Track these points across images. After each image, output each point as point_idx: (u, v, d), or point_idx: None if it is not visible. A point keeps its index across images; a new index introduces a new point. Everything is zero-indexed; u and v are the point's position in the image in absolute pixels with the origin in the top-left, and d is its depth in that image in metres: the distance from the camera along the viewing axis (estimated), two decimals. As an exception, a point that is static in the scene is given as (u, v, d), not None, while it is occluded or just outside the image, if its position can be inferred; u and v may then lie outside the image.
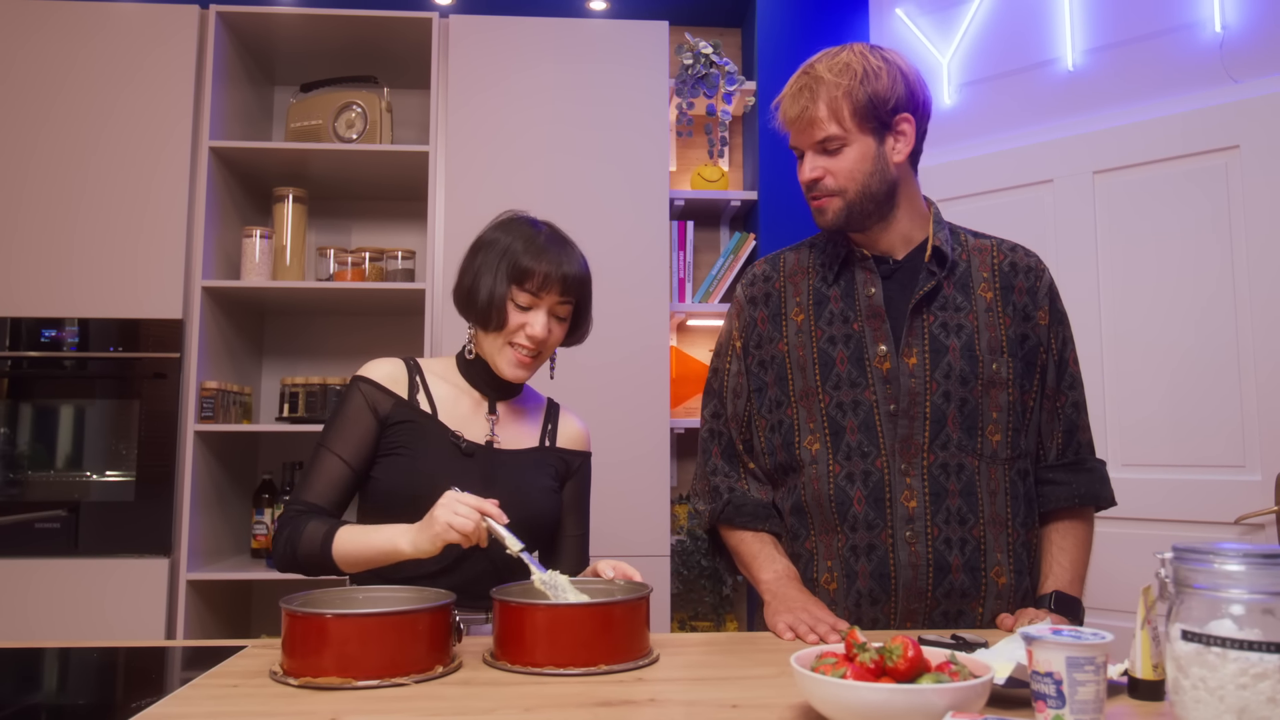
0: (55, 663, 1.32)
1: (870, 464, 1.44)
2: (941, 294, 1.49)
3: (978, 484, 1.44)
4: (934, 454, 1.43)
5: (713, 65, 3.11)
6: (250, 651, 1.28)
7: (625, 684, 1.11)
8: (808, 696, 0.94)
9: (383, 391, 1.52)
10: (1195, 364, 2.43)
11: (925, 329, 1.47)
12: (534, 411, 1.63)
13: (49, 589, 2.54)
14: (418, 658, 1.13)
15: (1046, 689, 0.90)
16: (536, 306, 1.49)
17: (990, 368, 1.46)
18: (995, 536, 1.44)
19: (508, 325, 1.48)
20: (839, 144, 1.45)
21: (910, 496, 1.42)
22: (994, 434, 1.45)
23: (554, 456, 1.60)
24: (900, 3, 3.11)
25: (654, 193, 2.83)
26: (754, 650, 1.30)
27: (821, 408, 1.48)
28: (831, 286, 1.53)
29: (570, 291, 1.51)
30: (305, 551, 1.40)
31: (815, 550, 1.49)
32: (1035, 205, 2.74)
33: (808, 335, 1.51)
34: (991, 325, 1.48)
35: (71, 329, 2.64)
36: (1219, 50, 2.47)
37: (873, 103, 1.43)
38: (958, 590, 1.42)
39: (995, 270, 1.52)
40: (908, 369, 1.45)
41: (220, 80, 2.81)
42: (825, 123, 1.44)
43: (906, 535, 1.42)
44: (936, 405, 1.44)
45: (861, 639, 0.97)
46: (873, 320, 1.48)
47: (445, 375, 1.58)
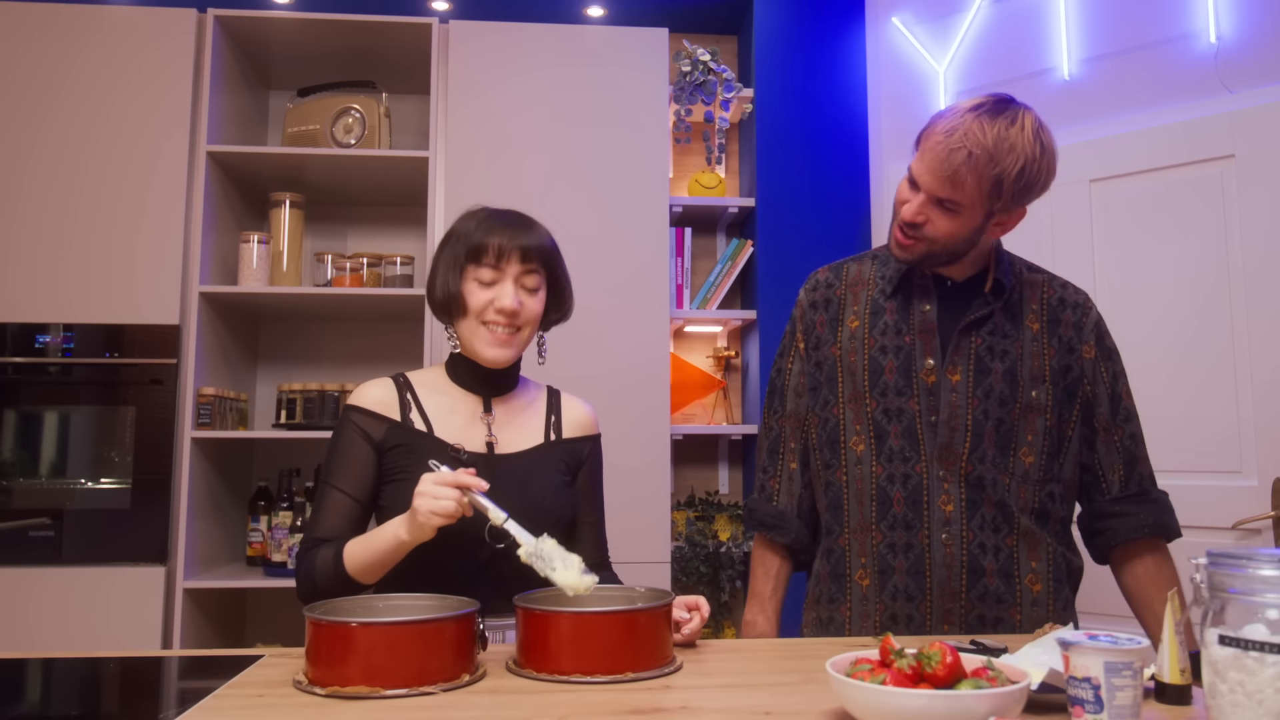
0: (65, 673, 1.31)
1: (910, 468, 1.51)
2: (991, 320, 1.54)
3: (1009, 498, 1.50)
4: (971, 465, 1.49)
5: (711, 72, 3.12)
6: (269, 661, 1.27)
7: (654, 691, 1.11)
8: (845, 703, 0.94)
9: (374, 418, 1.49)
10: (1192, 370, 2.46)
11: (972, 349, 1.53)
12: (534, 405, 1.59)
13: (45, 597, 2.51)
14: (444, 666, 1.12)
15: (1084, 694, 0.91)
16: (500, 280, 1.46)
17: (1030, 394, 1.51)
18: (1030, 548, 1.50)
19: (471, 306, 1.46)
20: (955, 207, 1.44)
21: (948, 501, 1.49)
22: (1027, 455, 1.51)
23: (561, 450, 1.57)
24: (896, 11, 3.14)
25: (654, 199, 2.84)
26: (776, 656, 1.30)
27: (868, 411, 1.55)
28: (889, 300, 1.59)
29: (532, 259, 1.47)
30: (323, 577, 1.39)
31: (849, 547, 1.55)
32: (1032, 213, 2.74)
33: (860, 342, 1.58)
34: (1036, 354, 1.53)
35: (67, 334, 2.61)
36: (1214, 60, 2.50)
37: (1015, 196, 1.43)
38: (993, 595, 1.48)
39: (1044, 303, 1.58)
40: (950, 384, 1.51)
41: (217, 84, 2.79)
42: (963, 191, 1.41)
43: (943, 537, 1.48)
44: (976, 421, 1.50)
45: (897, 645, 0.97)
46: (924, 335, 1.54)
47: (437, 386, 1.55)
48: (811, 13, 3.21)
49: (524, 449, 1.53)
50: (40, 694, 1.24)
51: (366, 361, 3.15)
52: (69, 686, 1.26)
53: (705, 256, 3.38)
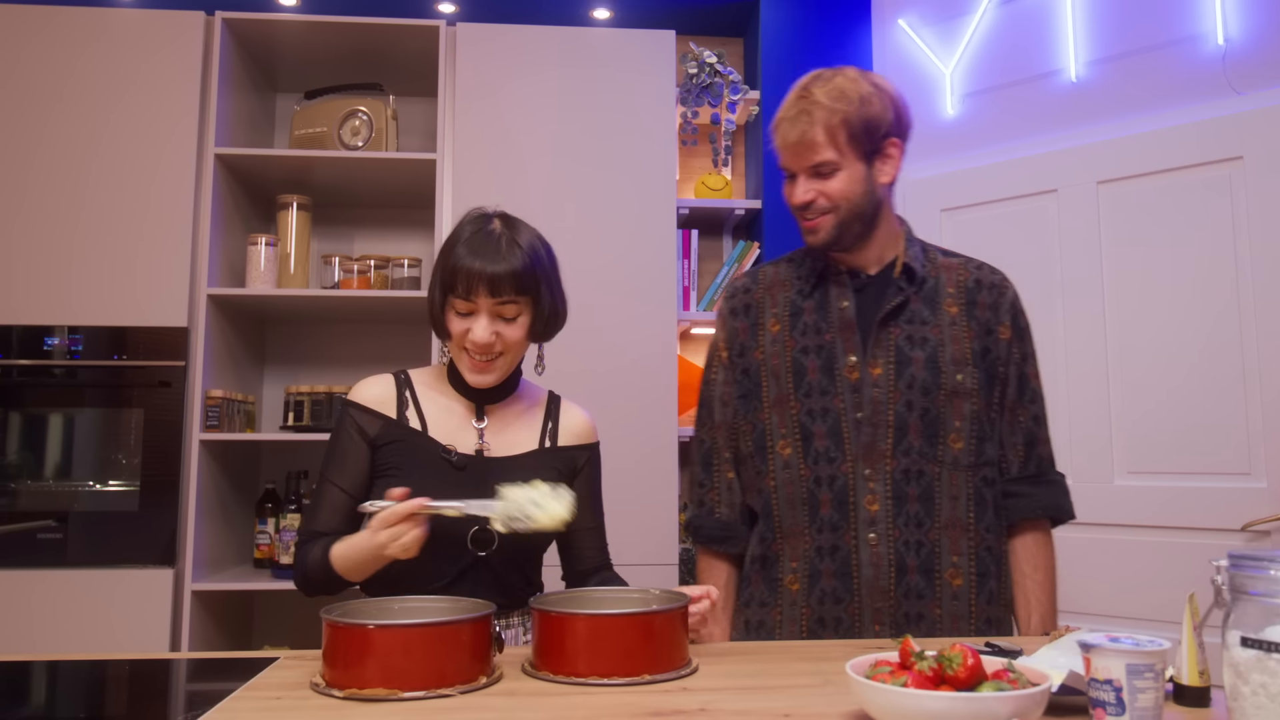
0: (75, 676, 1.31)
1: (836, 469, 1.51)
2: (909, 308, 1.55)
3: (936, 490, 1.50)
4: (896, 460, 1.50)
5: (717, 74, 3.12)
6: (284, 663, 1.27)
7: (671, 694, 1.11)
8: (866, 705, 0.94)
9: (370, 414, 1.50)
10: (1201, 372, 2.46)
11: (891, 341, 1.53)
12: (532, 411, 1.59)
13: (52, 599, 2.51)
14: (461, 668, 1.12)
15: (1106, 696, 0.91)
16: (474, 312, 1.45)
17: (954, 378, 1.52)
18: (953, 540, 1.50)
19: (452, 333, 1.47)
20: (833, 168, 1.51)
21: (873, 500, 1.49)
22: (956, 441, 1.51)
23: (556, 457, 1.57)
24: (903, 13, 3.14)
25: (661, 201, 2.84)
26: (792, 659, 1.30)
27: (793, 414, 1.55)
28: (807, 299, 1.60)
29: (503, 291, 1.43)
30: (313, 570, 1.42)
31: (781, 552, 1.55)
32: (1040, 215, 2.77)
33: (782, 345, 1.58)
34: (956, 338, 1.54)
35: (74, 337, 2.61)
36: (1222, 62, 2.50)
37: (866, 128, 1.50)
38: (915, 591, 1.48)
39: (961, 287, 1.59)
40: (873, 378, 1.52)
41: (225, 87, 2.79)
42: (823, 147, 1.50)
43: (869, 537, 1.48)
44: (899, 414, 1.50)
45: (917, 647, 0.97)
46: (844, 331, 1.55)
47: (436, 386, 1.55)
48: (818, 14, 3.21)
49: (516, 454, 1.53)
50: (51, 697, 1.24)
51: (374, 364, 3.15)
52: (79, 689, 1.27)
53: (711, 258, 3.38)
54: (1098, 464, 2.59)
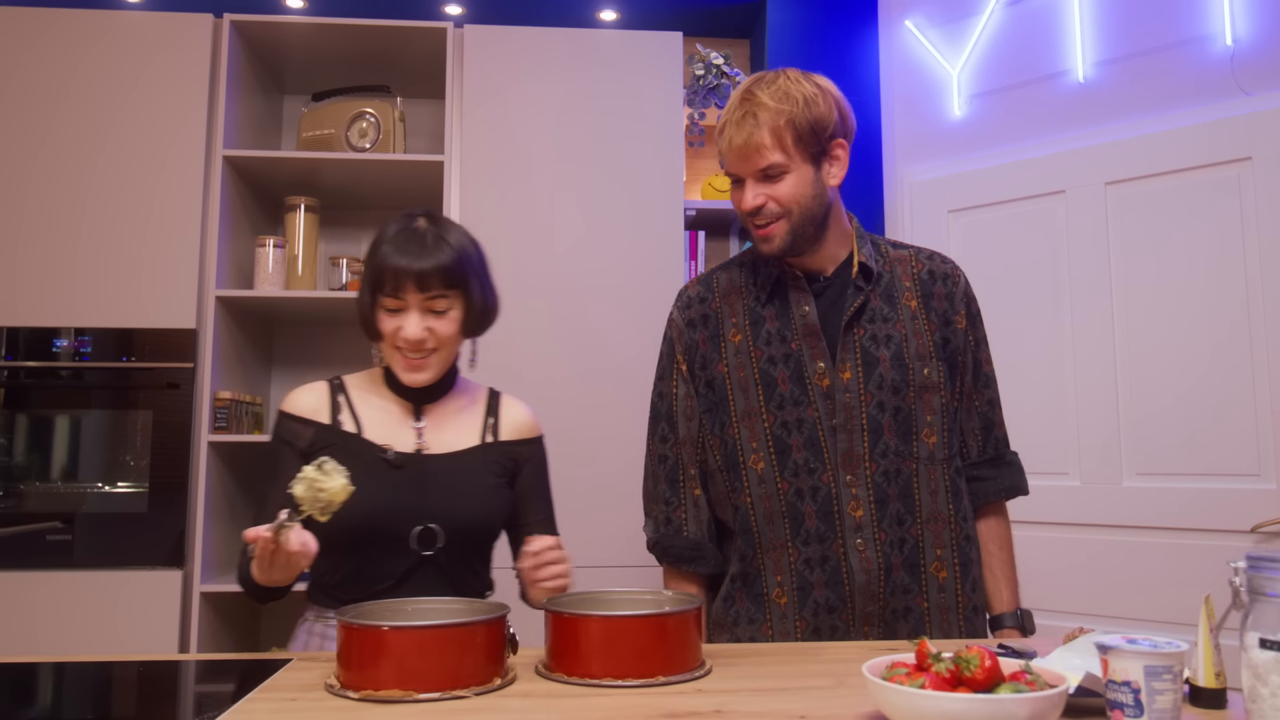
0: (86, 677, 1.31)
1: (818, 479, 1.49)
2: (870, 307, 1.55)
3: (915, 486, 1.50)
4: (875, 463, 1.49)
5: (724, 76, 3.12)
6: (297, 665, 1.27)
7: (686, 695, 1.11)
8: (883, 706, 0.94)
9: (301, 423, 1.50)
10: (1209, 373, 2.45)
11: (857, 343, 1.52)
12: (471, 408, 1.58)
13: (60, 601, 2.52)
14: (476, 669, 1.12)
15: (1124, 698, 0.91)
16: (404, 309, 1.45)
17: (921, 373, 1.52)
18: (935, 534, 1.51)
19: (383, 332, 1.47)
20: (781, 171, 1.48)
21: (857, 506, 1.48)
22: (929, 436, 1.52)
23: (497, 452, 1.55)
24: (909, 14, 3.14)
25: (669, 202, 2.84)
26: (804, 661, 1.29)
27: (766, 427, 1.52)
28: (766, 306, 1.57)
29: (432, 286, 1.43)
30: (242, 580, 1.45)
31: (764, 567, 1.53)
32: (1047, 216, 2.76)
33: (746, 356, 1.55)
34: (918, 332, 1.54)
35: (83, 339, 2.62)
36: (1230, 63, 2.50)
37: (813, 129, 1.48)
38: (901, 587, 1.48)
39: (915, 279, 1.59)
40: (843, 384, 1.51)
41: (233, 89, 2.80)
42: (769, 150, 1.47)
43: (857, 543, 1.48)
44: (872, 416, 1.50)
45: (933, 649, 0.97)
46: (809, 338, 1.53)
47: (372, 389, 1.55)
48: (824, 16, 3.21)
49: (456, 450, 1.52)
50: (61, 698, 1.25)
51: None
52: (88, 690, 1.27)
53: (717, 259, 3.38)
54: (1106, 466, 2.59)
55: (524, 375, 2.72)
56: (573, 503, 2.69)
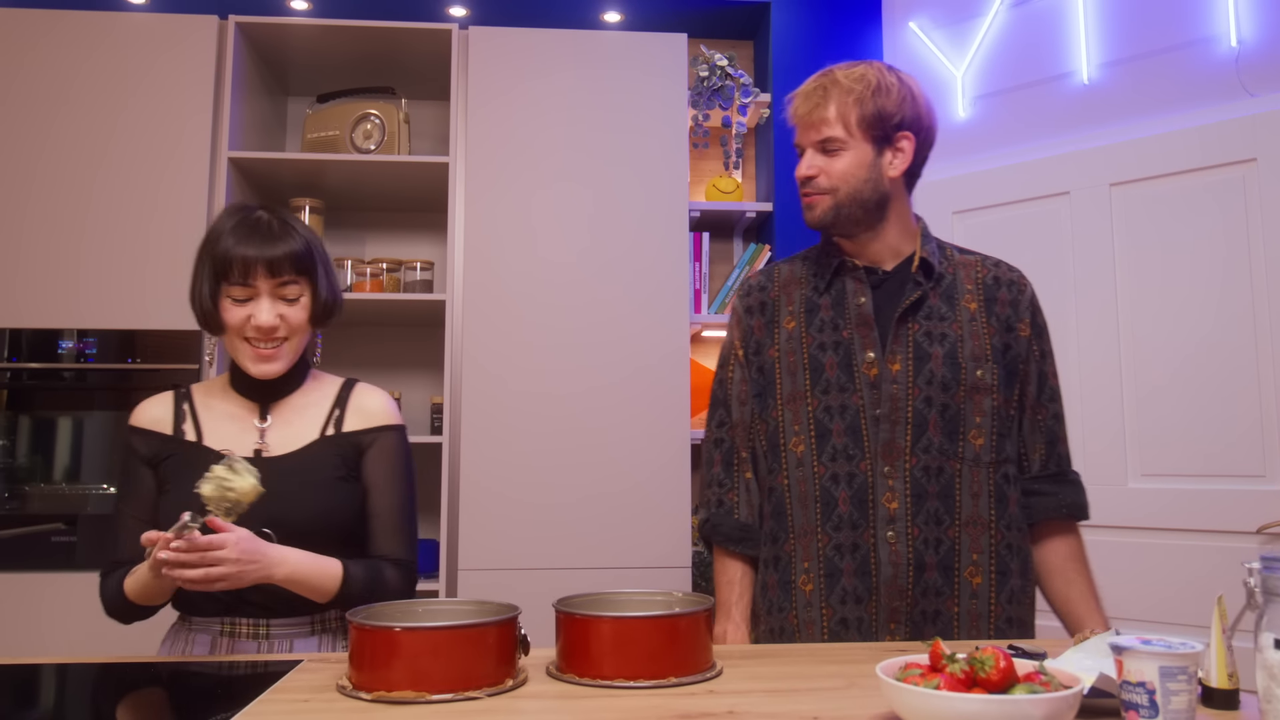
0: (94, 679, 1.31)
1: (855, 466, 1.50)
2: (927, 304, 1.54)
3: (957, 487, 1.49)
4: (916, 457, 1.48)
5: (728, 77, 3.12)
6: (308, 666, 1.27)
7: (698, 696, 1.11)
8: (897, 707, 0.94)
9: (146, 435, 1.49)
10: (1214, 374, 2.45)
11: (910, 337, 1.52)
12: (319, 403, 1.54)
13: (66, 602, 2.52)
14: (488, 671, 1.12)
15: (1139, 699, 0.91)
16: (254, 296, 1.42)
17: (974, 374, 1.51)
18: (973, 538, 1.49)
19: (229, 324, 1.43)
20: (838, 146, 1.52)
21: (892, 498, 1.48)
22: (976, 438, 1.50)
23: (338, 443, 1.51)
24: (914, 16, 3.14)
25: (673, 204, 2.84)
26: (815, 662, 1.29)
27: (809, 411, 1.54)
28: (823, 295, 1.59)
29: (284, 271, 1.42)
30: (110, 600, 1.44)
31: (794, 552, 1.53)
32: (1052, 217, 2.77)
33: (798, 341, 1.57)
34: (976, 334, 1.53)
35: (88, 340, 2.62)
36: (1235, 64, 2.50)
37: (879, 115, 1.51)
38: (933, 589, 1.47)
39: (979, 283, 1.58)
40: (891, 375, 1.51)
41: (238, 91, 2.80)
42: (831, 124, 1.52)
43: (888, 535, 1.47)
44: (918, 410, 1.49)
45: (947, 650, 0.97)
46: (861, 328, 1.54)
47: (217, 395, 1.52)
48: (828, 17, 3.21)
49: (295, 449, 1.49)
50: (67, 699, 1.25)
51: (385, 366, 3.15)
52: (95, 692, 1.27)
53: (721, 261, 3.38)
54: (1112, 466, 2.59)
55: (529, 375, 2.73)
56: (585, 503, 2.70)
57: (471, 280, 2.75)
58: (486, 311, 2.74)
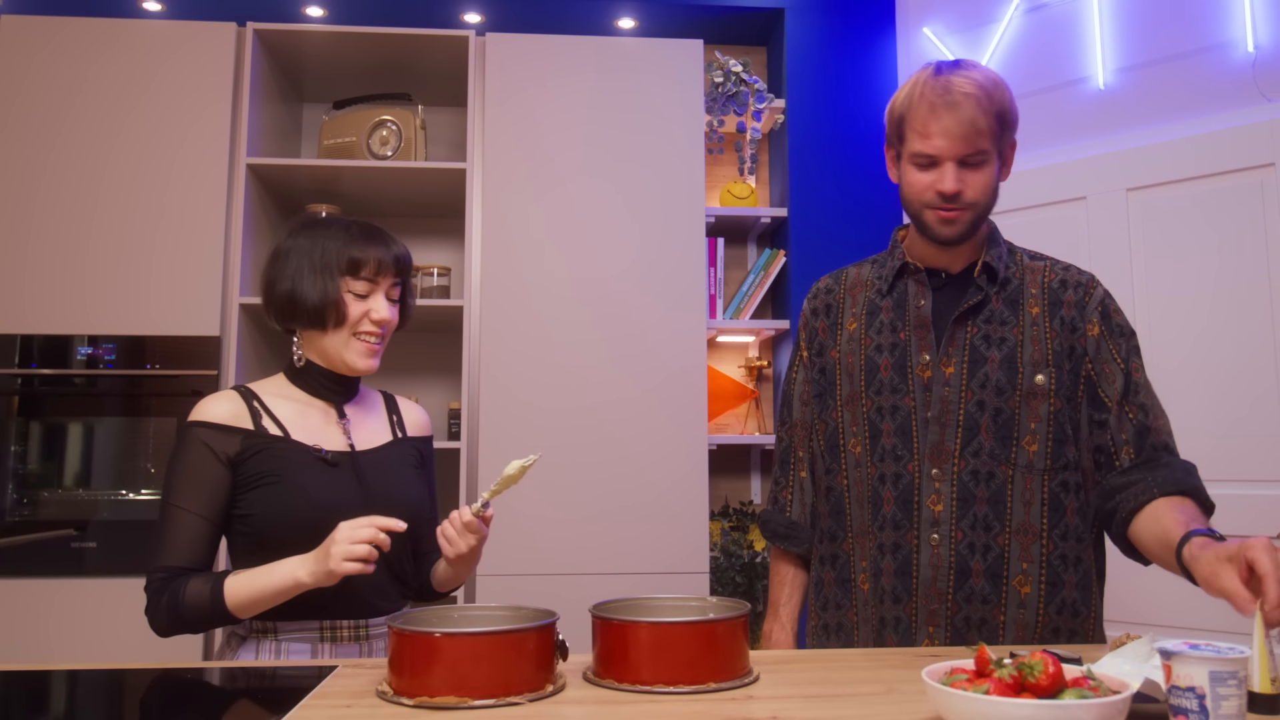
0: (113, 685, 1.31)
1: (902, 467, 1.49)
2: (988, 307, 1.52)
3: (1009, 493, 1.46)
4: (965, 460, 1.47)
5: (743, 83, 3.13)
6: (344, 671, 1.27)
7: (739, 702, 1.11)
8: (945, 713, 0.94)
9: (224, 431, 1.44)
10: (1233, 378, 2.45)
11: (967, 340, 1.51)
12: (376, 406, 1.63)
13: (85, 609, 2.52)
14: (528, 676, 1.12)
15: (1188, 704, 0.91)
16: (374, 292, 1.50)
17: (1032, 380, 1.48)
18: (1024, 546, 1.46)
19: (349, 318, 1.48)
20: (982, 159, 1.45)
21: (937, 500, 1.47)
22: (1031, 444, 1.47)
23: (408, 446, 1.61)
24: (928, 21, 3.15)
25: (690, 210, 2.84)
26: (849, 667, 1.29)
27: (864, 412, 1.54)
28: (885, 298, 1.59)
29: (402, 272, 1.54)
30: (193, 610, 1.36)
31: (852, 551, 1.54)
32: (1069, 222, 2.77)
33: (858, 343, 1.58)
34: (1037, 339, 1.50)
35: (108, 346, 2.62)
36: (1252, 70, 2.50)
37: (1004, 121, 1.46)
38: (979, 596, 1.45)
39: (1045, 288, 1.54)
40: (944, 377, 1.49)
41: (256, 97, 2.81)
42: (984, 135, 1.44)
43: (932, 538, 1.46)
44: (970, 414, 1.47)
45: (993, 655, 0.97)
46: (919, 330, 1.53)
47: (283, 394, 1.53)
48: (842, 23, 3.22)
49: (377, 446, 1.56)
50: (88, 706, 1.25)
51: (401, 372, 3.16)
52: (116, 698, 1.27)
53: (735, 267, 3.38)
54: (1130, 471, 2.59)
55: (547, 380, 2.73)
56: (601, 508, 2.70)
57: (489, 286, 2.75)
58: (504, 317, 2.74)
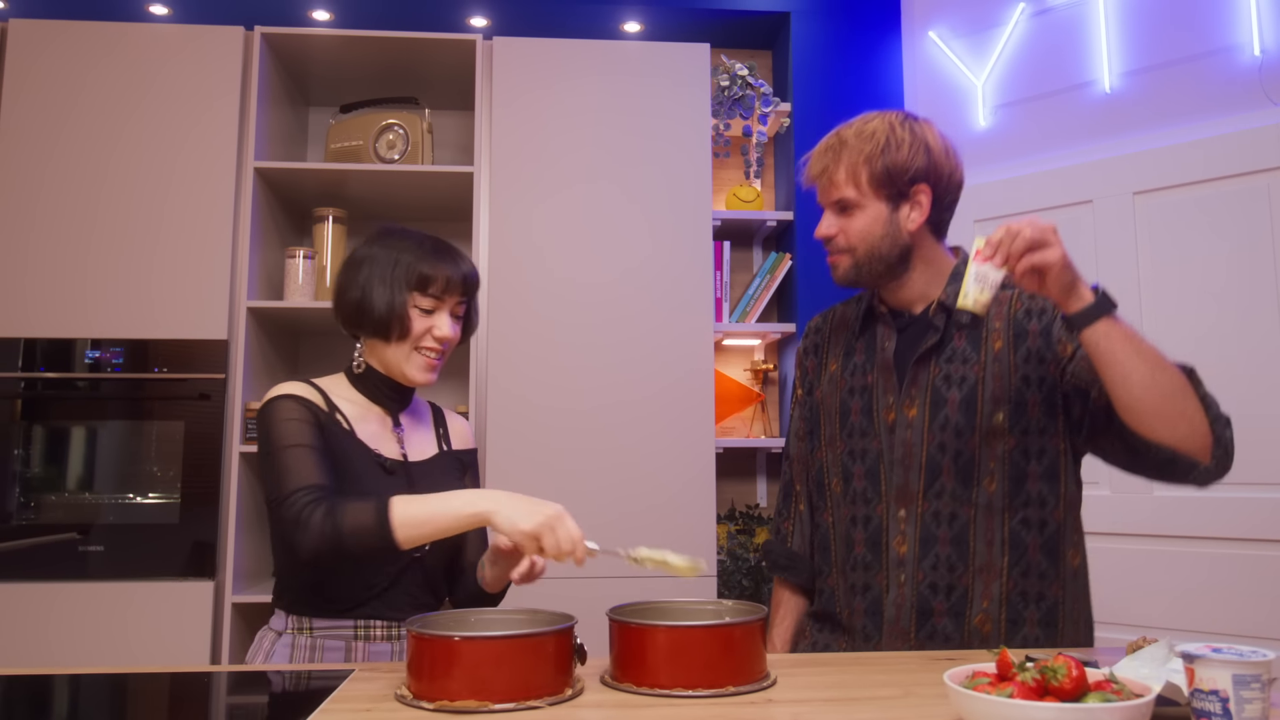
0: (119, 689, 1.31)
1: (871, 509, 1.52)
2: (950, 346, 1.52)
3: (971, 533, 1.46)
4: (928, 502, 1.48)
5: (749, 87, 3.14)
6: (360, 675, 1.27)
7: (759, 705, 1.11)
8: (969, 717, 0.94)
9: (310, 403, 1.46)
10: (1240, 382, 2.46)
11: (929, 381, 1.51)
12: (425, 418, 1.66)
13: (94, 612, 2.52)
14: (547, 680, 1.12)
15: (1211, 707, 0.91)
16: (440, 309, 1.52)
17: (992, 419, 1.47)
18: (985, 585, 1.46)
19: (413, 332, 1.50)
20: (852, 206, 1.51)
21: (903, 542, 1.49)
22: (990, 483, 1.47)
23: (452, 459, 1.64)
24: (933, 25, 3.15)
25: (697, 213, 2.85)
26: (866, 670, 1.30)
27: (838, 454, 1.58)
28: (859, 339, 1.62)
29: (469, 291, 1.56)
30: (354, 529, 1.29)
31: (836, 586, 1.58)
32: (1075, 225, 2.77)
33: (835, 385, 1.62)
34: (999, 375, 1.48)
35: (116, 350, 2.62)
36: (1258, 73, 2.51)
37: (889, 172, 1.48)
38: (941, 635, 1.46)
39: (1010, 320, 1.52)
40: (906, 420, 1.51)
41: (263, 101, 2.81)
42: (842, 185, 1.50)
43: (899, 579, 1.48)
44: (932, 456, 1.48)
45: (1015, 658, 0.97)
46: (884, 372, 1.55)
47: (344, 395, 1.55)
48: (848, 27, 3.22)
49: (427, 458, 1.60)
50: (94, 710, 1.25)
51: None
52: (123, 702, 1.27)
53: (741, 270, 3.39)
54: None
55: (554, 384, 2.73)
56: (608, 511, 2.70)
57: (496, 289, 2.75)
58: (511, 320, 2.75)
